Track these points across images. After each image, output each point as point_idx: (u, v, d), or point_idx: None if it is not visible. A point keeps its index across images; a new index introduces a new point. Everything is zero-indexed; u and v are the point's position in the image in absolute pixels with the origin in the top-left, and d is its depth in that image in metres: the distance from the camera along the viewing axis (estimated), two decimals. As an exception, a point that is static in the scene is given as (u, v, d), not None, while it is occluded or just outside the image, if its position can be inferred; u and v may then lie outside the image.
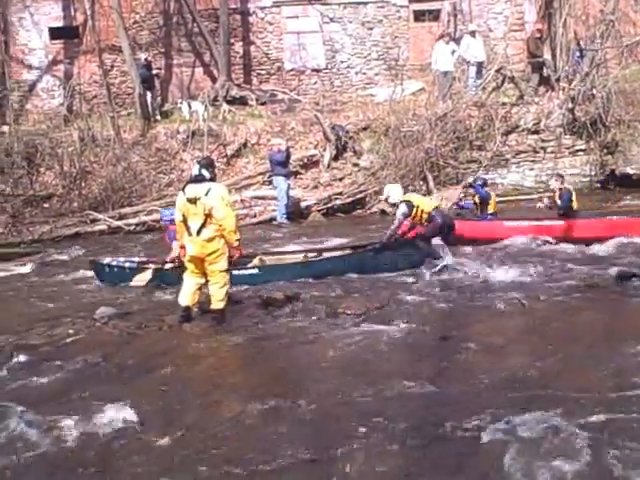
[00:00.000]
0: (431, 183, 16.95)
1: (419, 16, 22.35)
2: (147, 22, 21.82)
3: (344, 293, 9.11)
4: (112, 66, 21.47)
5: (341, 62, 22.38)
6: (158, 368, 6.77)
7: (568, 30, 19.65)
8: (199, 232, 7.77)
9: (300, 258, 10.91)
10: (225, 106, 20.32)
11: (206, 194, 7.71)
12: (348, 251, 11.04)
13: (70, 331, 8.26)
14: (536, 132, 18.23)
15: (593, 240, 11.22)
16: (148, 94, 20.27)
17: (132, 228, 16.33)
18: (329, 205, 16.78)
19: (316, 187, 17.41)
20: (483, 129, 18.10)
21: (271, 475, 4.57)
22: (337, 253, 11.02)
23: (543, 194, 15.18)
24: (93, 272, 11.27)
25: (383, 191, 11.44)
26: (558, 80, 19.05)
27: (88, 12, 20.31)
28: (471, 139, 17.98)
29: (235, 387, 6.32)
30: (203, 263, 7.98)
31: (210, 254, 7.83)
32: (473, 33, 19.60)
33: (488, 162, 17.69)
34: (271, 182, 16.83)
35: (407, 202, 10.32)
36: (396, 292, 9.07)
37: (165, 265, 10.55)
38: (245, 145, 19.20)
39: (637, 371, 5.85)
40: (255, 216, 16.48)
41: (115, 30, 20.63)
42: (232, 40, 21.73)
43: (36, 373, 6.79)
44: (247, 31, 22.14)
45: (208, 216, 7.71)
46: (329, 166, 18.32)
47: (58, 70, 21.91)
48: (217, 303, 8.04)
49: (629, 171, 17.21)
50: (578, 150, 18.01)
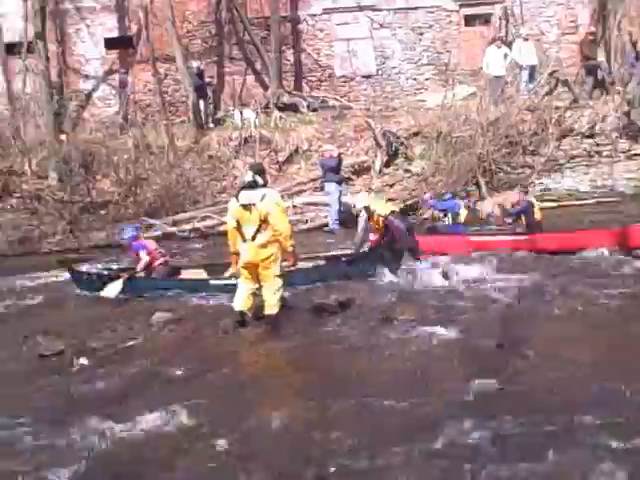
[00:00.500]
0: (483, 188, 16.82)
1: (470, 20, 22.24)
2: (200, 31, 22.13)
3: (396, 299, 9.10)
4: (166, 75, 21.79)
5: (391, 68, 22.37)
6: (214, 372, 6.87)
7: (623, 32, 19.35)
8: (254, 238, 7.84)
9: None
10: (276, 113, 20.49)
11: (261, 200, 7.78)
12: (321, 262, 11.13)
13: (128, 335, 8.44)
14: (591, 136, 17.95)
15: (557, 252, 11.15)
16: (201, 102, 20.56)
17: (186, 234, 16.54)
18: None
19: (367, 193, 17.38)
20: (536, 133, 17.88)
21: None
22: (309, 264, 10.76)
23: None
24: (72, 280, 11.36)
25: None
26: (613, 83, 18.75)
27: (142, 22, 20.68)
28: (524, 144, 17.77)
29: (290, 391, 6.39)
30: (257, 269, 8.05)
31: (264, 259, 7.90)
32: (525, 37, 19.43)
33: (542, 167, 17.48)
34: (323, 188, 16.88)
35: (366, 207, 10.76)
36: (447, 298, 9.05)
37: (136, 274, 10.88)
38: (296, 151, 19.33)
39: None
40: (307, 222, 16.53)
41: (168, 39, 20.95)
42: (283, 48, 21.89)
43: (96, 376, 6.94)
44: (298, 39, 22.31)
45: (263, 222, 7.78)
46: (380, 172, 18.32)
47: (113, 79, 22.34)
48: (270, 308, 8.10)
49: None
50: (635, 154, 17.68)
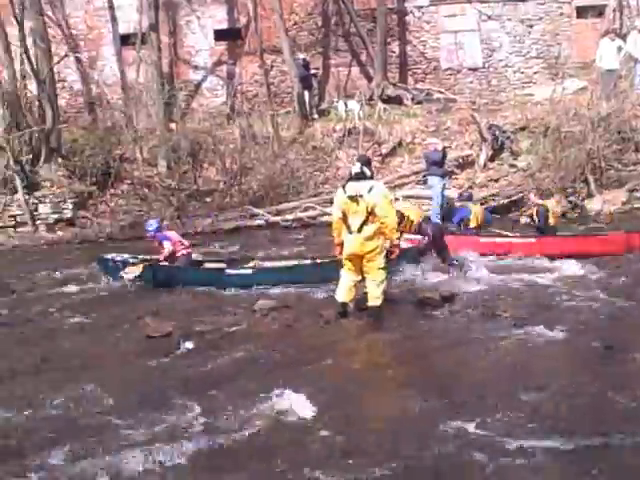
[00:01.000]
0: (592, 186, 16.30)
1: (582, 12, 21.58)
2: (306, 23, 22.32)
3: (502, 294, 8.96)
4: (272, 66, 22.10)
5: (499, 61, 22.00)
6: (316, 361, 6.95)
7: None
8: (360, 229, 7.87)
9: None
10: (380, 105, 20.45)
11: (369, 191, 7.79)
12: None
13: (232, 321, 8.65)
14: None
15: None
16: (306, 93, 20.75)
17: (289, 224, 16.77)
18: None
19: (471, 187, 17.13)
20: (651, 130, 17.22)
21: (426, 473, 4.60)
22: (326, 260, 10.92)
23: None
24: (99, 268, 11.84)
25: None
26: None
27: (251, 14, 21.02)
28: (637, 140, 17.12)
29: (392, 383, 6.41)
30: (361, 260, 8.08)
31: (369, 252, 7.92)
32: (641, 29, 18.69)
33: (655, 165, 16.81)
34: (425, 182, 16.74)
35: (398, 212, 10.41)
36: (555, 295, 8.85)
37: (159, 262, 11.32)
38: (400, 144, 19.26)
39: None
40: (409, 215, 16.42)
41: (276, 31, 21.24)
42: (389, 39, 21.85)
43: (201, 360, 7.16)
44: (404, 30, 22.20)
45: (370, 214, 7.79)
46: (485, 166, 18.03)
47: (221, 70, 22.82)
48: (374, 300, 8.12)
49: None
50: None
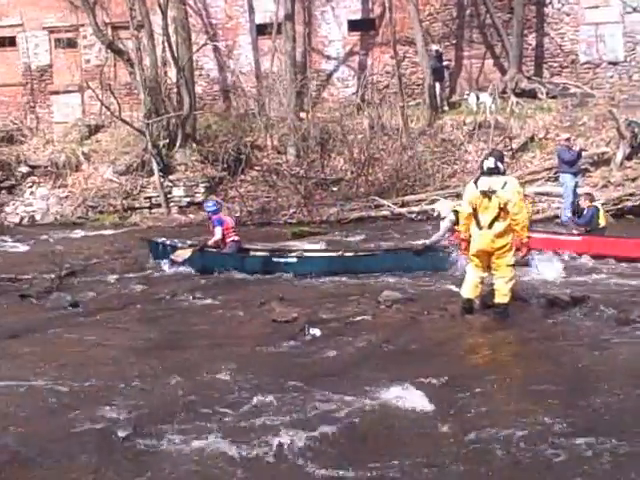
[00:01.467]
0: None
1: None
2: (441, 14, 22.08)
3: (636, 299, 8.62)
4: (404, 57, 22.00)
5: (642, 54, 21.01)
6: (440, 355, 6.95)
7: None
8: (491, 226, 7.75)
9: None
10: (513, 99, 19.98)
11: (502, 187, 7.66)
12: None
13: (356, 310, 8.75)
14: None
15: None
16: (437, 85, 20.58)
17: (414, 216, 16.72)
18: (619, 206, 15.87)
19: (605, 186, 16.53)
20: None
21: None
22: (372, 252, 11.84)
23: None
24: (149, 251, 12.25)
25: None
26: None
27: (386, 4, 20.98)
28: None
29: (515, 382, 6.28)
30: (489, 257, 7.97)
31: (499, 248, 7.79)
32: None
33: None
34: (557, 179, 16.28)
35: (455, 212, 10.48)
36: None
37: (205, 247, 11.69)
38: (532, 139, 18.82)
39: None
40: (538, 212, 16.06)
41: (410, 22, 21.15)
42: (525, 31, 21.28)
43: (326, 346, 7.29)
44: (541, 22, 21.58)
45: (502, 210, 7.66)
46: (622, 165, 17.31)
47: (353, 61, 22.94)
48: (501, 297, 8.00)
49: None
50: None
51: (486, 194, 7.72)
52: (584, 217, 12.39)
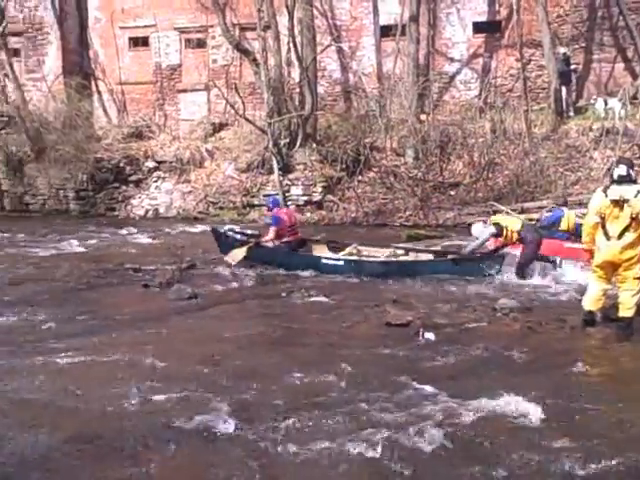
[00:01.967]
0: None
1: None
2: (571, 16, 21.36)
3: None
4: (530, 60, 21.42)
5: None
6: (557, 367, 6.75)
7: None
8: (620, 236, 7.45)
9: (387, 254, 11.91)
10: (644, 105, 19.16)
11: (635, 196, 7.35)
12: (430, 256, 11.82)
13: (472, 317, 8.65)
14: None
15: None
16: (563, 89, 19.92)
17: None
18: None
19: None
20: None
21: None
22: (422, 257, 11.81)
23: None
24: (214, 240, 12.49)
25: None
26: None
27: (514, 6, 20.52)
28: None
29: (633, 401, 6.00)
30: (614, 268, 7.68)
31: (627, 260, 7.50)
32: None
33: None
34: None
35: (496, 224, 10.95)
36: None
37: (259, 244, 11.80)
38: (663, 148, 17.95)
39: None
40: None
41: (537, 24, 20.59)
42: (660, 35, 20.33)
43: (440, 352, 7.23)
44: (678, 25, 20.55)
45: (634, 219, 7.37)
46: None
47: (477, 63, 22.53)
48: (626, 311, 7.70)
49: None
50: None
51: (617, 203, 7.42)
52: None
